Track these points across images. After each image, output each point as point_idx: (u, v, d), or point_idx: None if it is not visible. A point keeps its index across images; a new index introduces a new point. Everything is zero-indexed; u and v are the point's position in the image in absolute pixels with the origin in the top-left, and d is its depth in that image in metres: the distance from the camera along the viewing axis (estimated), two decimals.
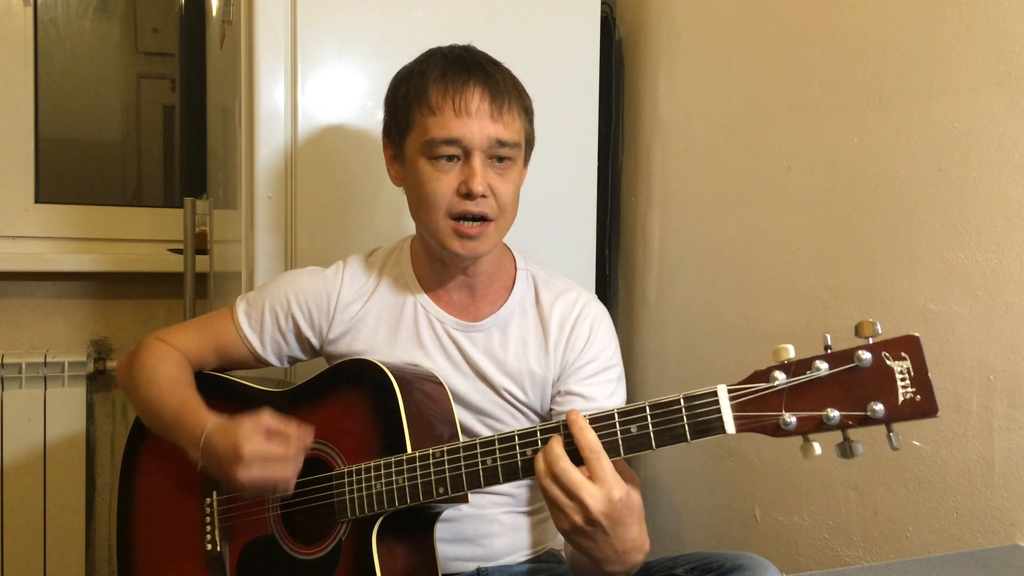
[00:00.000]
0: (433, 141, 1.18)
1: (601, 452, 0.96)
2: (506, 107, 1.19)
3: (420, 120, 1.19)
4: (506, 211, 1.22)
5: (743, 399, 0.91)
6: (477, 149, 1.17)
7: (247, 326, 1.33)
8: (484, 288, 1.31)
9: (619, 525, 0.96)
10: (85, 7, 2.48)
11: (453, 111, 1.17)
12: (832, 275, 1.46)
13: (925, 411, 0.85)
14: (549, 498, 0.98)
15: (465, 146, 1.17)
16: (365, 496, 1.12)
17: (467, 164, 1.18)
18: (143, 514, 1.37)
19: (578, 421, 0.98)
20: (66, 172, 2.49)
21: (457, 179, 1.19)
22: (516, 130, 1.21)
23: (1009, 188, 1.19)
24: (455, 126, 1.17)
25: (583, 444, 0.96)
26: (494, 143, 1.18)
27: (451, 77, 1.18)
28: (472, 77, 1.18)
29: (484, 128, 1.17)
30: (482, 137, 1.17)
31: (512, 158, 1.21)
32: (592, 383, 1.28)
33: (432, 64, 1.21)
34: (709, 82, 1.76)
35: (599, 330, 1.31)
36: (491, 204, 1.20)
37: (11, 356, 2.17)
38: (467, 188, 1.17)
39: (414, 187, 1.23)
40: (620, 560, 0.99)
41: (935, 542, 1.29)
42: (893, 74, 1.35)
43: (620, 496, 0.95)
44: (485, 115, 1.17)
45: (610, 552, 0.98)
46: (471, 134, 1.17)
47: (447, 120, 1.17)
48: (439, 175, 1.19)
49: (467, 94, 1.17)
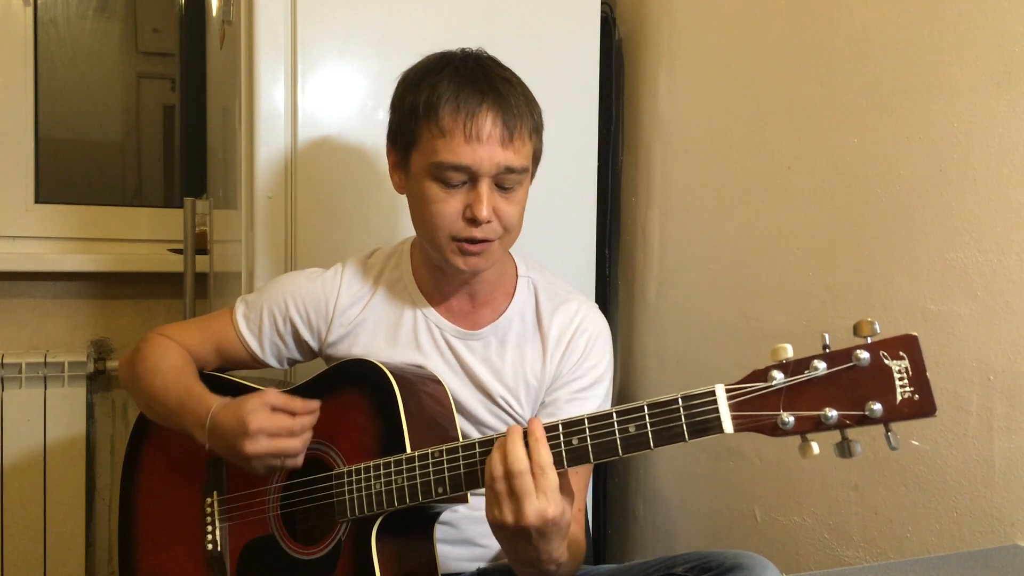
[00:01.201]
0: (441, 165, 1.15)
1: (549, 468, 0.99)
2: (517, 132, 1.16)
3: (429, 139, 1.17)
4: (511, 231, 1.21)
5: (741, 399, 0.91)
6: (485, 176, 1.15)
7: (245, 329, 1.33)
8: (485, 295, 1.31)
9: (543, 538, 1.00)
10: (85, 7, 2.48)
11: (464, 136, 1.14)
12: (832, 275, 1.46)
13: (923, 411, 0.85)
14: (493, 491, 1.00)
15: (473, 173, 1.15)
16: (364, 496, 1.12)
17: (473, 189, 1.16)
18: (144, 514, 1.37)
19: (536, 432, 1.00)
20: (66, 172, 2.49)
21: (462, 203, 1.17)
22: (525, 155, 1.19)
23: (1009, 188, 1.19)
24: (464, 152, 1.14)
25: (535, 459, 0.99)
26: (503, 170, 1.16)
27: (464, 99, 1.15)
28: (485, 100, 1.15)
29: (494, 156, 1.15)
30: (491, 164, 1.15)
31: (520, 182, 1.20)
32: (577, 398, 1.28)
33: (444, 78, 1.17)
34: (709, 82, 1.76)
35: (595, 346, 1.30)
36: (495, 228, 1.19)
37: (11, 356, 2.17)
38: (472, 214, 1.16)
39: (418, 203, 1.21)
40: (532, 564, 1.04)
41: (935, 542, 1.29)
42: (893, 74, 1.35)
43: (554, 515, 0.98)
44: (496, 142, 1.15)
45: (525, 555, 1.03)
46: (480, 161, 1.14)
47: (457, 145, 1.14)
48: (445, 197, 1.17)
49: (479, 119, 1.14)
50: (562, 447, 1.00)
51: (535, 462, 0.98)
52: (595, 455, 0.99)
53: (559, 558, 1.04)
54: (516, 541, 1.02)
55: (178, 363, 1.30)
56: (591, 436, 0.99)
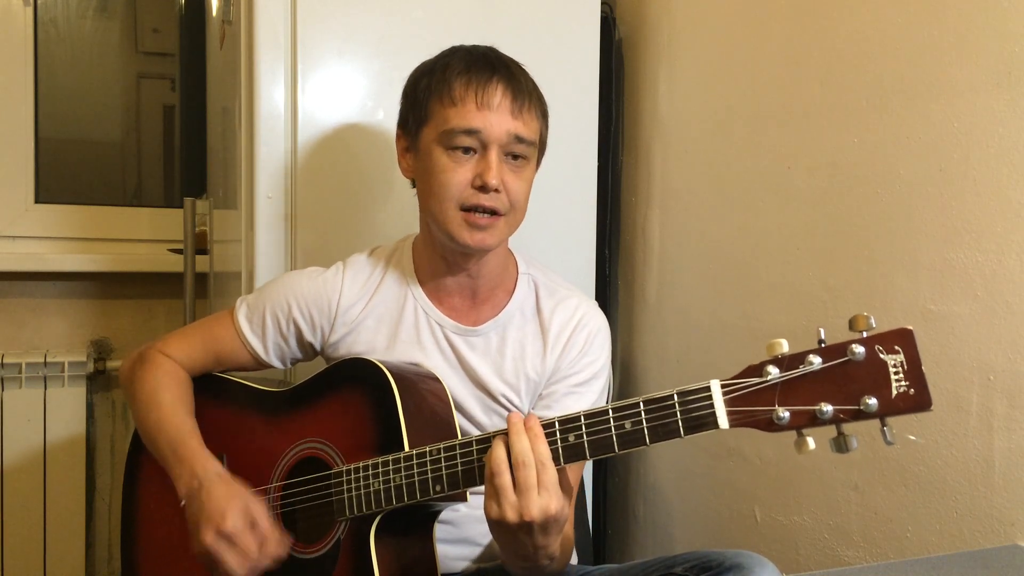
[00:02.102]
0: (453, 131, 1.18)
1: (549, 464, 0.99)
2: (526, 106, 1.21)
3: (440, 111, 1.20)
4: (517, 208, 1.23)
5: (736, 394, 0.91)
6: (495, 143, 1.18)
7: (249, 331, 1.33)
8: (486, 292, 1.31)
9: (543, 533, 1.01)
10: (85, 7, 2.48)
11: (475, 103, 1.18)
12: (832, 275, 1.46)
13: (919, 404, 0.85)
14: (493, 486, 1.00)
15: (484, 139, 1.18)
16: (363, 495, 1.12)
17: (483, 158, 1.19)
18: (146, 514, 1.37)
19: (534, 428, 1.00)
20: (66, 172, 2.49)
21: (472, 171, 1.19)
22: (534, 129, 1.22)
23: (1009, 188, 1.19)
24: (475, 117, 1.17)
25: (534, 455, 0.99)
26: (513, 138, 1.19)
27: (475, 71, 1.20)
28: (496, 73, 1.20)
29: (504, 123, 1.18)
30: (501, 131, 1.18)
31: (527, 157, 1.22)
32: (574, 392, 1.29)
33: (456, 59, 1.22)
34: (709, 82, 1.76)
35: (595, 341, 1.31)
36: (503, 200, 1.20)
37: (11, 356, 2.17)
38: (482, 181, 1.18)
39: (427, 177, 1.23)
40: (528, 559, 1.05)
41: (935, 542, 1.29)
42: (893, 74, 1.35)
43: (556, 510, 0.99)
44: (506, 111, 1.19)
45: (522, 550, 1.03)
46: (491, 126, 1.18)
47: (468, 111, 1.18)
48: (454, 166, 1.19)
49: (490, 88, 1.18)
50: (559, 443, 1.01)
51: (536, 457, 0.99)
52: (591, 451, 0.99)
53: (553, 552, 1.05)
54: (515, 535, 1.02)
55: (175, 397, 1.29)
56: (587, 432, 0.99)
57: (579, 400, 1.28)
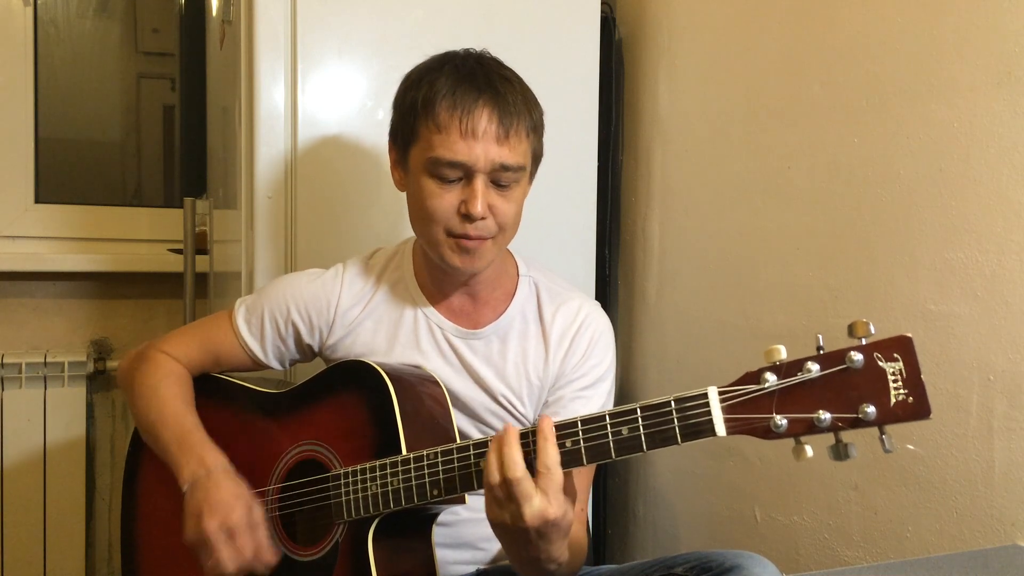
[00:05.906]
0: (438, 161, 1.16)
1: (556, 469, 0.98)
2: (513, 129, 1.16)
3: (426, 135, 1.17)
4: (506, 229, 1.21)
5: (734, 401, 0.91)
6: (480, 172, 1.16)
7: (247, 333, 1.33)
8: (486, 294, 1.30)
9: (543, 539, 0.99)
10: (85, 7, 2.48)
11: (459, 132, 1.14)
12: (832, 275, 1.46)
13: (917, 413, 0.84)
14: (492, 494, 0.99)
15: (468, 169, 1.16)
16: (361, 498, 1.12)
17: (469, 186, 1.16)
18: (146, 515, 1.37)
19: (545, 431, 0.99)
20: (66, 172, 2.49)
21: (458, 198, 1.17)
22: (522, 152, 1.19)
23: (1009, 188, 1.19)
24: (460, 149, 1.14)
25: (541, 459, 0.98)
26: (498, 167, 1.16)
27: (460, 95, 1.15)
28: (482, 96, 1.15)
29: (488, 152, 1.15)
30: (486, 161, 1.15)
31: (516, 180, 1.20)
32: (581, 396, 1.28)
33: (443, 75, 1.18)
34: (709, 82, 1.76)
35: (598, 344, 1.30)
36: (490, 226, 1.18)
37: (11, 356, 2.17)
38: (467, 209, 1.16)
39: (415, 199, 1.22)
40: (532, 563, 1.04)
41: (935, 542, 1.29)
42: (893, 74, 1.35)
43: (555, 516, 0.97)
44: (491, 138, 1.15)
45: (525, 554, 1.02)
46: (475, 158, 1.15)
47: (452, 141, 1.14)
48: (441, 192, 1.17)
49: (475, 115, 1.14)
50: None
51: (541, 461, 0.97)
52: (588, 457, 0.99)
53: (559, 558, 1.03)
54: (516, 541, 1.01)
55: (176, 391, 1.30)
56: (584, 438, 0.99)
57: (587, 404, 1.26)
